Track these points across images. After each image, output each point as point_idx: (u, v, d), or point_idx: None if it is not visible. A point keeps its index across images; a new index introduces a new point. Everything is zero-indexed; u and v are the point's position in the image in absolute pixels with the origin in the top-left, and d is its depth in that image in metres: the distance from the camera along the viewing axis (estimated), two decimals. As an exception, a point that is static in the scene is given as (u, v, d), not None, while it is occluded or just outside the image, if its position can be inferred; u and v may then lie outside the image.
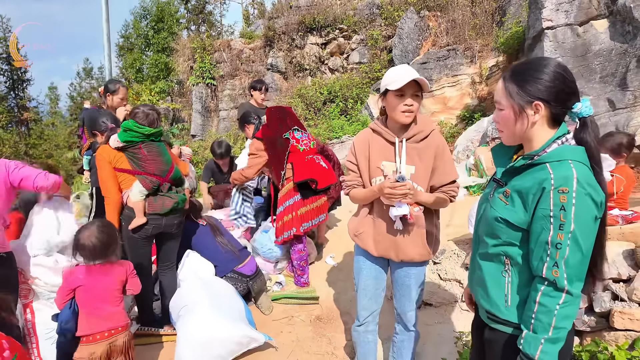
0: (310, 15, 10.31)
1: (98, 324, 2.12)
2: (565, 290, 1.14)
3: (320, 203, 3.42)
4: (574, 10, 5.06)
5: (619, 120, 4.55)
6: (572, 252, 1.13)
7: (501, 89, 1.28)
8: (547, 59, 1.25)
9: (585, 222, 1.13)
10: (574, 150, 1.20)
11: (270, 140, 3.37)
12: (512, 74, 1.26)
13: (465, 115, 7.30)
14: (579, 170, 1.14)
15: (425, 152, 1.95)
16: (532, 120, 1.22)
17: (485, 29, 7.86)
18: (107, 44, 5.61)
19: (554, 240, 1.14)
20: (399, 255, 1.99)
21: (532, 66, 1.23)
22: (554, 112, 1.22)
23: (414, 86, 1.86)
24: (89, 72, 27.07)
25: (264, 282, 3.29)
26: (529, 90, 1.21)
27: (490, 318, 1.34)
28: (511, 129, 1.28)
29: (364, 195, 2.03)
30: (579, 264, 1.15)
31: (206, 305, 2.57)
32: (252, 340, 2.57)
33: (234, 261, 3.12)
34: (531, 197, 1.20)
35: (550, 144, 1.22)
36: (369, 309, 2.19)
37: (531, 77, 1.21)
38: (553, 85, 1.19)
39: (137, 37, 20.05)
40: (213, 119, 11.22)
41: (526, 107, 1.22)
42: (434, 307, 2.99)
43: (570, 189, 1.12)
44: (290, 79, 10.57)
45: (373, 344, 2.27)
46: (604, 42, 4.87)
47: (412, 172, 1.94)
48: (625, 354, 1.95)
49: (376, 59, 9.62)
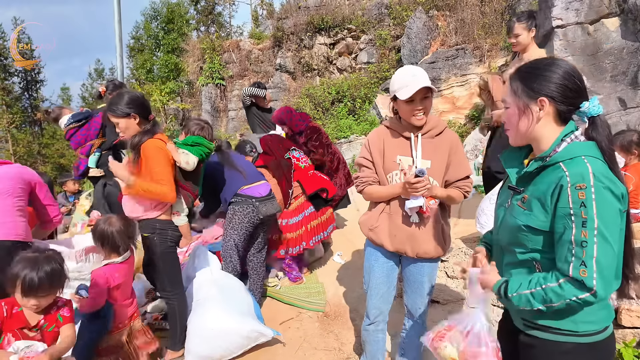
0: (318, 15, 10.36)
1: (125, 314, 2.28)
2: (593, 290, 1.08)
3: (329, 215, 3.61)
4: (584, 8, 5.03)
5: (630, 120, 4.51)
6: (601, 249, 1.08)
7: (507, 88, 1.30)
8: (553, 57, 1.26)
9: (609, 217, 1.09)
10: (585, 145, 1.18)
11: (275, 164, 3.51)
12: (518, 73, 1.27)
13: (474, 114, 7.27)
14: (593, 164, 1.12)
15: (440, 147, 1.97)
16: (538, 117, 1.22)
17: (495, 28, 7.82)
18: (119, 44, 5.71)
19: (577, 238, 1.10)
20: (415, 248, 2.00)
21: (537, 65, 1.24)
22: (560, 110, 1.21)
23: (422, 90, 1.87)
24: (100, 73, 27.48)
25: (276, 207, 3.16)
26: (533, 86, 1.21)
27: (527, 324, 1.29)
28: (516, 126, 1.28)
29: (384, 193, 2.02)
30: (612, 261, 1.09)
31: (216, 300, 2.62)
32: (261, 335, 2.61)
33: (240, 181, 3.02)
34: (549, 199, 1.17)
35: (559, 143, 1.21)
36: (380, 308, 2.19)
37: (536, 75, 1.22)
38: (558, 82, 1.19)
39: (147, 38, 20.32)
40: (222, 119, 11.33)
41: (531, 104, 1.22)
42: (441, 304, 3.01)
43: (587, 184, 1.09)
44: (299, 79, 10.63)
45: (382, 342, 2.28)
46: (615, 40, 4.83)
47: (427, 166, 1.95)
48: (632, 351, 1.95)
49: (384, 58, 9.63)
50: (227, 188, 3.05)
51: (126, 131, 2.37)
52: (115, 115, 2.34)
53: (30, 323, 1.69)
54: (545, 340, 1.24)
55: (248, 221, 2.99)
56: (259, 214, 3.00)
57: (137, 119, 2.35)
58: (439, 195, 1.95)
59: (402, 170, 1.97)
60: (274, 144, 3.59)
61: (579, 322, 1.20)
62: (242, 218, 2.98)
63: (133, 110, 2.34)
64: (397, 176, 1.99)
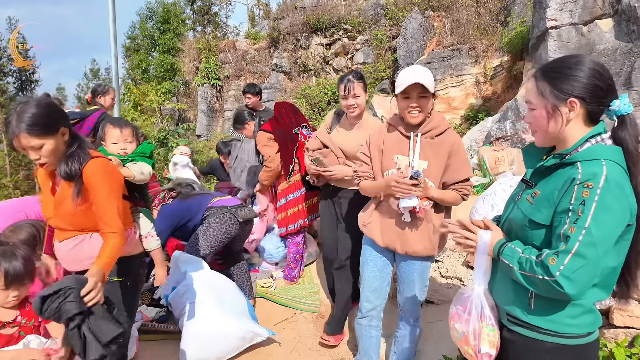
0: (314, 16, 10.35)
1: None
2: (554, 277, 1.08)
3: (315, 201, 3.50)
4: (578, 9, 5.05)
5: (623, 120, 4.55)
6: (582, 246, 1.05)
7: (532, 88, 1.23)
8: (581, 55, 1.21)
9: (605, 223, 1.06)
10: (609, 149, 1.14)
11: (282, 133, 3.41)
12: (544, 73, 1.21)
13: (470, 115, 7.29)
14: (610, 169, 1.08)
15: (439, 149, 1.98)
16: (568, 119, 1.17)
17: (490, 28, 7.85)
18: (114, 44, 5.68)
19: (565, 232, 1.09)
20: (404, 247, 2.02)
21: (565, 64, 1.19)
22: (590, 110, 1.16)
23: (418, 88, 1.90)
24: (96, 72, 27.38)
25: (252, 212, 3.15)
26: (563, 87, 1.16)
27: (511, 320, 1.30)
28: (544, 129, 1.22)
29: (371, 188, 2.10)
30: (591, 265, 1.07)
31: (210, 302, 2.61)
32: (256, 335, 2.61)
33: (207, 198, 3.02)
34: (556, 193, 1.15)
35: (582, 143, 1.17)
36: (372, 301, 2.21)
37: (565, 75, 1.17)
38: (589, 81, 1.14)
39: (143, 38, 20.23)
40: (218, 119, 11.30)
41: (560, 105, 1.17)
42: (435, 304, 3.01)
43: (595, 185, 1.06)
44: (295, 79, 10.61)
45: (376, 339, 2.29)
46: (608, 41, 4.86)
47: (424, 167, 1.97)
48: (624, 350, 1.96)
49: (381, 59, 9.63)
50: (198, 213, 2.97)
51: (55, 154, 1.63)
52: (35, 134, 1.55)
53: (5, 320, 1.69)
54: (527, 337, 1.25)
55: (225, 231, 2.90)
56: (238, 217, 2.94)
57: (66, 134, 1.67)
58: (434, 197, 1.96)
59: (399, 169, 1.98)
60: (287, 114, 3.47)
61: (563, 324, 1.21)
62: (219, 228, 2.90)
63: (62, 123, 1.64)
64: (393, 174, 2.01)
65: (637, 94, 4.50)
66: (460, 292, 1.41)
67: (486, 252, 1.30)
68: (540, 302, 1.22)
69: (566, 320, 1.20)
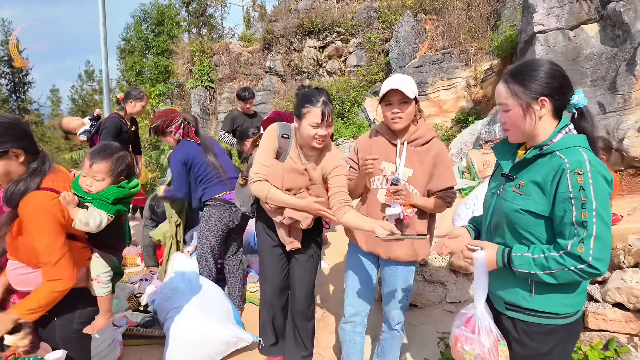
0: (308, 18, 10.39)
1: None
2: (587, 263, 1.18)
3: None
4: (564, 14, 5.12)
5: (609, 124, 4.60)
6: (599, 227, 1.18)
7: (505, 91, 1.35)
8: (540, 59, 1.37)
9: (604, 199, 1.20)
10: (578, 137, 1.30)
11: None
12: (513, 76, 1.34)
13: (460, 118, 7.35)
14: (587, 154, 1.25)
15: (425, 157, 2.02)
16: (539, 115, 1.31)
17: (480, 32, 7.91)
18: (104, 48, 5.69)
19: (578, 219, 1.20)
20: (387, 252, 2.05)
21: (530, 67, 1.33)
22: (556, 105, 1.31)
23: (399, 94, 1.94)
24: (90, 74, 27.23)
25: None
26: (533, 87, 1.29)
27: (510, 308, 1.40)
28: (521, 126, 1.34)
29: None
30: (609, 239, 1.20)
31: (194, 306, 2.62)
32: (240, 340, 2.62)
33: (220, 187, 3.00)
34: (549, 184, 1.26)
35: (555, 135, 1.31)
36: (356, 306, 2.23)
37: (533, 77, 1.30)
38: (554, 80, 1.29)
39: (137, 40, 20.19)
40: (212, 122, 11.30)
41: (532, 104, 1.30)
42: (418, 308, 3.04)
43: (585, 171, 1.20)
44: (288, 82, 10.64)
45: (360, 345, 2.31)
46: (594, 46, 4.92)
47: (409, 174, 2.01)
48: (598, 353, 2.00)
49: (373, 62, 9.69)
50: (208, 190, 2.98)
51: (6, 176, 1.50)
52: None
53: None
54: (527, 322, 1.35)
55: (225, 224, 3.02)
56: (236, 219, 3.03)
57: (20, 155, 1.50)
58: (418, 204, 1.99)
59: (385, 176, 2.01)
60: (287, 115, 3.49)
61: (561, 305, 1.32)
62: (219, 220, 2.99)
63: (13, 144, 1.47)
64: (379, 181, 2.06)
65: (622, 97, 4.56)
66: (462, 313, 1.46)
67: (485, 270, 1.37)
68: (540, 288, 1.32)
69: (564, 301, 1.32)
